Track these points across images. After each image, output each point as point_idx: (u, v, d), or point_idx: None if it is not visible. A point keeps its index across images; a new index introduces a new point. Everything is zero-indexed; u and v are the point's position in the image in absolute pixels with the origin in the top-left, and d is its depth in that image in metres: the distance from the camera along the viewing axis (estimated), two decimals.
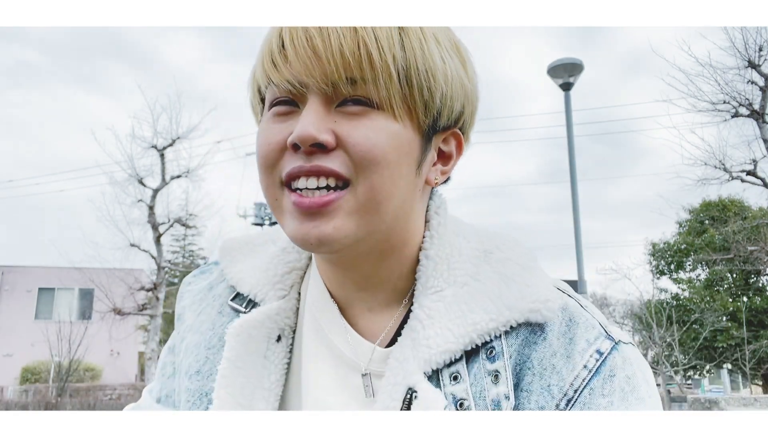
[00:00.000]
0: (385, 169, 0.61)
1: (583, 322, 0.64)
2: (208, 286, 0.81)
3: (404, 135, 0.62)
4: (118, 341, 17.58)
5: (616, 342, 0.64)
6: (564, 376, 0.61)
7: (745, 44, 9.71)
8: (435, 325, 0.64)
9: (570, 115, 8.79)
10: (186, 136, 12.74)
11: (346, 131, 0.60)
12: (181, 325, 0.81)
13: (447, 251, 0.69)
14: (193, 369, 0.73)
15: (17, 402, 15.47)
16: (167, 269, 13.64)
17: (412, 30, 0.62)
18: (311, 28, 0.60)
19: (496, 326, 0.63)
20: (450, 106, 0.66)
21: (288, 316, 0.73)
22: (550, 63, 8.78)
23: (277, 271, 0.75)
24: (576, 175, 8.47)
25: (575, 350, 0.62)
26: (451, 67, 0.65)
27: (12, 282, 22.60)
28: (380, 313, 0.70)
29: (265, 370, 0.70)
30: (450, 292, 0.66)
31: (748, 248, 12.94)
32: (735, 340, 17.52)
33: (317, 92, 0.60)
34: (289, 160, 0.61)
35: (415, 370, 0.62)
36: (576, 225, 8.27)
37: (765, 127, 9.76)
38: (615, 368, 0.62)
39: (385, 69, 0.59)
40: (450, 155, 0.70)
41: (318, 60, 0.59)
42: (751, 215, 16.05)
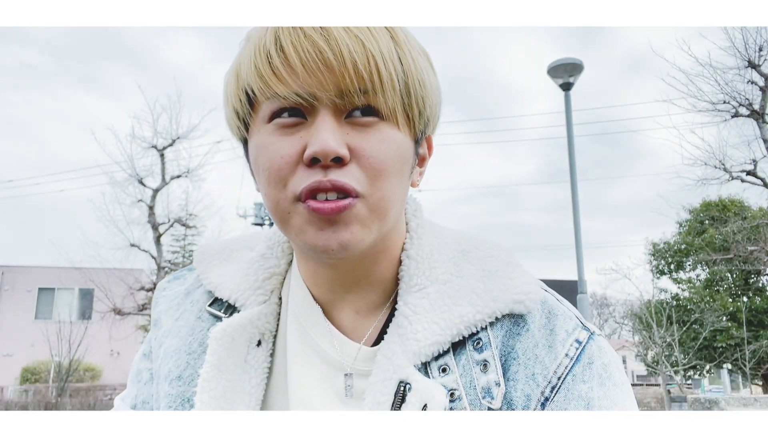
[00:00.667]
0: (394, 178, 0.63)
1: (562, 314, 0.68)
2: (184, 292, 0.81)
3: (405, 144, 0.65)
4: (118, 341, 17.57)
5: (591, 332, 0.68)
6: (547, 365, 0.63)
7: (745, 44, 9.72)
8: (422, 320, 0.66)
9: (570, 115, 8.79)
10: (186, 136, 12.75)
11: (358, 143, 0.61)
12: (158, 330, 0.80)
13: (427, 251, 0.71)
14: (174, 374, 0.73)
15: (17, 402, 15.47)
16: (167, 269, 13.63)
17: (403, 42, 0.64)
18: (318, 40, 0.59)
19: (482, 318, 0.65)
20: (435, 113, 0.69)
21: (269, 321, 0.73)
22: (550, 63, 8.78)
23: (258, 276, 0.75)
24: (576, 174, 8.47)
25: (556, 340, 0.65)
26: (429, 74, 0.67)
27: (12, 282, 22.60)
28: (366, 315, 0.71)
29: (246, 374, 0.70)
30: (433, 289, 0.68)
31: (748, 248, 12.94)
32: (735, 340, 17.52)
33: (329, 104, 0.61)
34: (305, 175, 0.61)
35: (406, 364, 0.63)
36: (576, 225, 8.27)
37: (765, 127, 9.76)
38: (592, 356, 0.65)
39: (390, 80, 0.61)
40: (424, 156, 0.73)
41: (331, 73, 0.59)
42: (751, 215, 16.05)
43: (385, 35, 0.62)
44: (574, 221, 8.27)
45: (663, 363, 16.00)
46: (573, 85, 8.82)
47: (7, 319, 22.01)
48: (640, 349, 17.99)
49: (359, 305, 0.72)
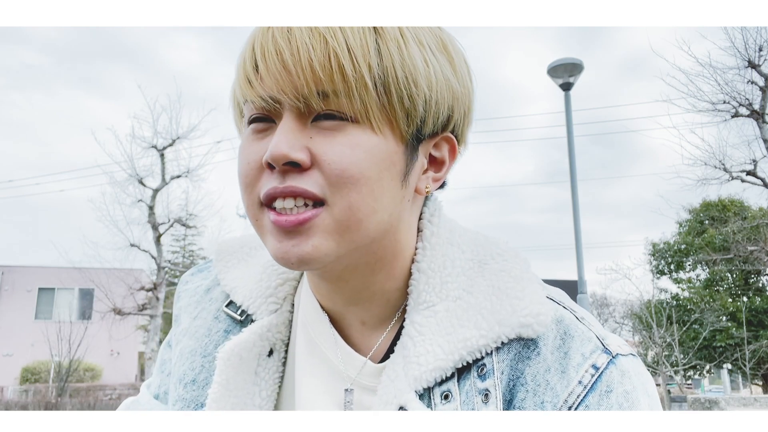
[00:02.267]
0: (363, 186, 0.58)
1: (579, 335, 0.62)
2: (205, 288, 0.80)
3: (384, 147, 0.59)
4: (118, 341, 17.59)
5: (613, 355, 0.61)
6: (558, 393, 0.59)
7: (745, 44, 9.71)
8: (426, 341, 0.62)
9: (570, 114, 8.79)
10: (186, 136, 12.74)
11: (321, 148, 0.58)
12: (177, 326, 0.80)
13: (440, 263, 0.67)
14: (189, 377, 0.72)
15: (17, 402, 15.46)
16: (167, 269, 13.63)
17: (389, 33, 0.59)
18: (280, 40, 0.57)
19: (486, 343, 0.61)
20: (435, 112, 0.62)
21: (280, 331, 0.72)
22: (550, 63, 8.77)
23: (270, 283, 0.73)
24: (576, 174, 8.46)
25: (570, 365, 0.60)
26: (436, 69, 0.61)
27: (12, 282, 22.59)
28: (373, 327, 0.69)
29: (255, 387, 0.69)
30: (442, 307, 0.64)
31: (748, 248, 12.93)
32: (735, 339, 17.52)
33: (290, 108, 0.58)
34: (267, 180, 0.59)
35: (406, 389, 0.61)
36: (576, 225, 8.27)
37: (765, 127, 9.76)
38: (612, 383, 0.59)
39: (359, 80, 0.56)
40: (442, 161, 0.67)
41: (288, 74, 0.57)
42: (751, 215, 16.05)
43: (364, 29, 0.58)
44: (574, 221, 8.27)
45: (663, 363, 15.99)
46: (573, 85, 8.82)
47: (7, 319, 22.00)
48: (640, 349, 17.98)
49: (365, 317, 0.69)
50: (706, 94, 10.09)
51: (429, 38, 0.62)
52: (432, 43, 0.62)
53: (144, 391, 0.86)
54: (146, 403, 0.83)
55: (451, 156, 0.68)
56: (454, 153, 0.68)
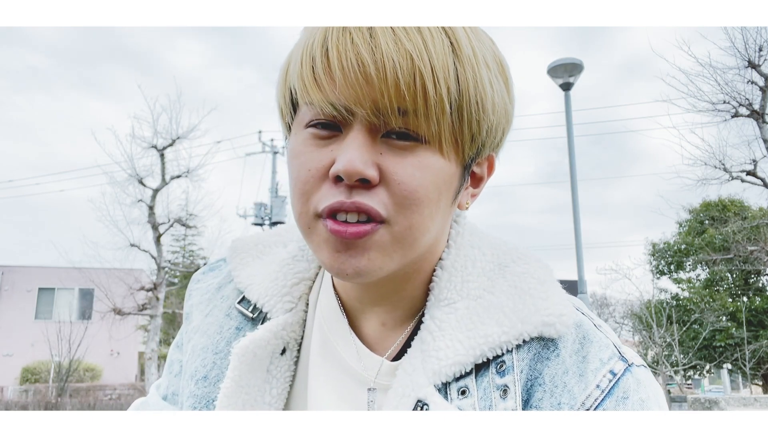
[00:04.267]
0: (426, 208, 0.58)
1: (597, 341, 0.63)
2: (216, 286, 0.80)
3: (448, 170, 0.60)
4: (118, 341, 17.58)
5: (630, 364, 0.62)
6: (575, 395, 0.59)
7: (745, 44, 9.71)
8: (446, 337, 0.62)
9: (570, 114, 8.79)
10: (186, 136, 12.73)
11: (391, 167, 0.57)
12: (188, 324, 0.80)
13: (462, 262, 0.67)
14: (200, 374, 0.72)
15: (17, 402, 15.45)
16: (167, 269, 13.62)
17: (465, 54, 0.58)
18: (363, 50, 0.55)
19: (508, 339, 0.61)
20: (494, 136, 0.63)
21: (294, 330, 0.72)
22: (550, 63, 8.78)
23: (286, 281, 0.73)
24: (576, 174, 8.47)
25: (588, 369, 0.60)
26: (498, 92, 0.61)
27: (12, 282, 22.59)
28: (392, 328, 0.69)
29: (267, 384, 0.69)
30: (463, 305, 0.65)
31: (748, 248, 12.93)
32: (735, 339, 17.52)
33: (364, 121, 0.57)
34: (329, 192, 0.58)
35: (425, 383, 0.61)
36: (576, 224, 8.27)
37: (765, 127, 9.76)
38: (628, 390, 0.60)
39: (439, 102, 0.56)
40: (481, 177, 0.68)
41: (370, 88, 0.55)
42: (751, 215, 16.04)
43: (444, 45, 0.57)
44: (574, 221, 8.27)
45: (663, 363, 15.99)
46: (573, 85, 8.82)
47: (7, 319, 22.00)
48: (640, 349, 17.99)
49: (386, 318, 0.69)
50: (706, 94, 10.09)
51: (490, 57, 0.62)
52: (492, 63, 0.62)
53: (153, 392, 0.86)
54: (155, 404, 0.83)
55: (489, 172, 0.69)
56: (491, 169, 0.69)
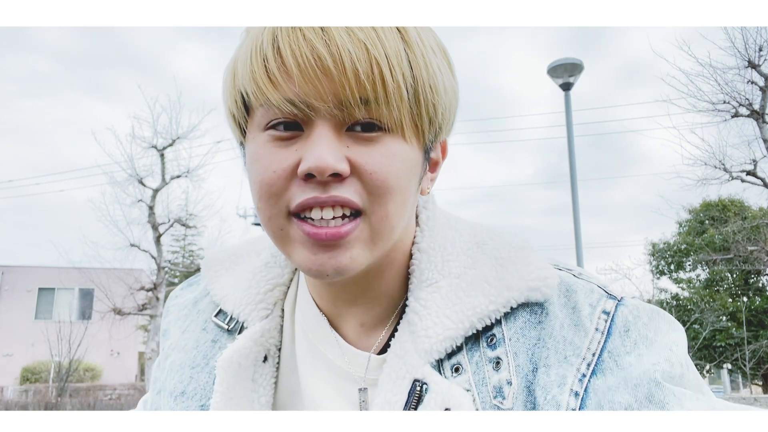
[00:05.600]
0: (398, 195, 0.59)
1: (581, 288, 0.64)
2: (193, 301, 0.80)
3: (412, 156, 0.60)
4: (118, 341, 17.58)
5: (619, 299, 0.63)
6: (578, 344, 0.60)
7: (745, 44, 9.70)
8: (432, 315, 0.62)
9: (570, 114, 8.79)
10: (186, 136, 12.74)
11: (360, 158, 0.57)
12: (166, 341, 0.80)
13: (440, 243, 0.68)
14: (178, 390, 0.72)
15: (17, 402, 15.45)
16: (167, 269, 13.62)
17: (414, 41, 0.58)
18: (317, 44, 0.54)
19: (496, 308, 0.62)
20: (449, 119, 0.64)
21: (273, 336, 0.71)
22: (550, 63, 8.78)
23: (260, 288, 0.73)
24: (576, 174, 8.46)
25: (582, 317, 0.61)
26: (446, 76, 0.62)
27: (12, 282, 22.58)
28: (373, 327, 0.69)
29: (254, 393, 0.69)
30: (445, 283, 0.65)
31: (748, 248, 12.93)
32: (735, 339, 17.51)
33: (327, 116, 0.56)
34: (300, 190, 0.57)
35: (420, 363, 0.60)
36: (576, 225, 8.27)
37: (765, 127, 9.75)
38: (627, 323, 0.61)
39: (397, 89, 0.56)
40: (437, 161, 0.69)
41: (330, 82, 0.54)
42: (751, 215, 16.04)
43: (395, 36, 0.57)
44: (574, 221, 8.27)
45: None
46: (573, 85, 8.82)
47: (7, 319, 21.99)
48: None
49: (364, 318, 0.69)
50: (706, 94, 10.08)
51: (434, 43, 0.62)
52: (437, 48, 0.62)
53: (141, 406, 0.86)
54: None
55: (443, 155, 0.70)
56: (445, 152, 0.70)
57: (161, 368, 0.79)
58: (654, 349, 0.59)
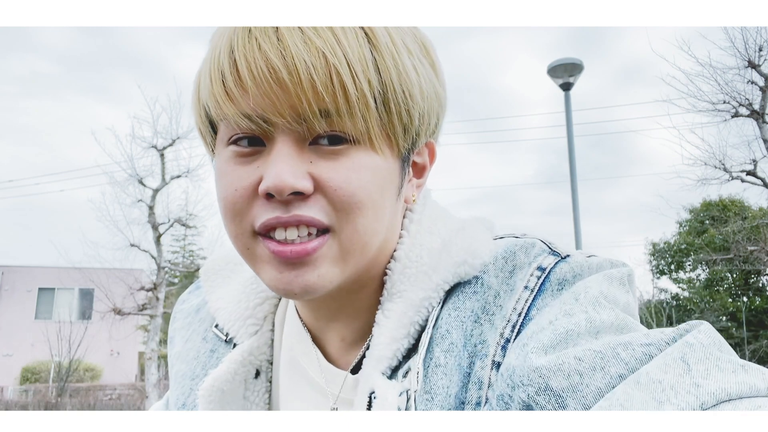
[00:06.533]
0: (369, 210, 0.55)
1: (521, 248, 0.58)
2: (196, 308, 0.79)
3: (385, 166, 0.56)
4: (118, 341, 17.57)
5: (563, 256, 0.57)
6: (507, 306, 0.55)
7: (745, 44, 9.70)
8: (389, 324, 0.59)
9: (570, 114, 8.78)
10: (186, 136, 12.73)
11: (324, 174, 0.53)
12: (171, 349, 0.79)
13: (417, 252, 0.62)
14: (180, 402, 0.72)
15: (17, 402, 15.45)
16: (167, 269, 13.61)
17: (382, 41, 0.54)
18: (272, 55, 0.51)
19: (427, 295, 0.58)
20: (427, 123, 0.60)
21: (263, 352, 0.70)
22: (550, 63, 8.78)
23: (249, 303, 0.71)
24: (576, 174, 8.46)
25: (516, 277, 0.56)
26: (424, 77, 0.58)
27: (12, 282, 22.58)
28: (353, 342, 0.66)
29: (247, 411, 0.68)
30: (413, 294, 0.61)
31: (748, 248, 12.93)
32: (735, 340, 17.51)
33: (286, 131, 0.53)
34: (263, 209, 0.54)
35: (374, 374, 0.58)
36: (576, 226, 8.27)
37: (765, 127, 9.76)
38: (564, 280, 0.54)
39: (361, 98, 0.52)
40: (423, 166, 0.65)
41: (285, 95, 0.51)
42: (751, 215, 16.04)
43: (358, 36, 0.54)
44: (574, 222, 8.27)
45: None
46: (573, 85, 8.82)
47: (7, 319, 21.99)
48: None
49: (345, 333, 0.66)
50: (706, 94, 10.08)
51: (410, 41, 0.58)
52: (416, 47, 0.59)
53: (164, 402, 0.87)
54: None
55: (431, 159, 0.66)
56: (433, 156, 0.66)
57: (170, 375, 0.79)
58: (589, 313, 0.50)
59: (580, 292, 0.52)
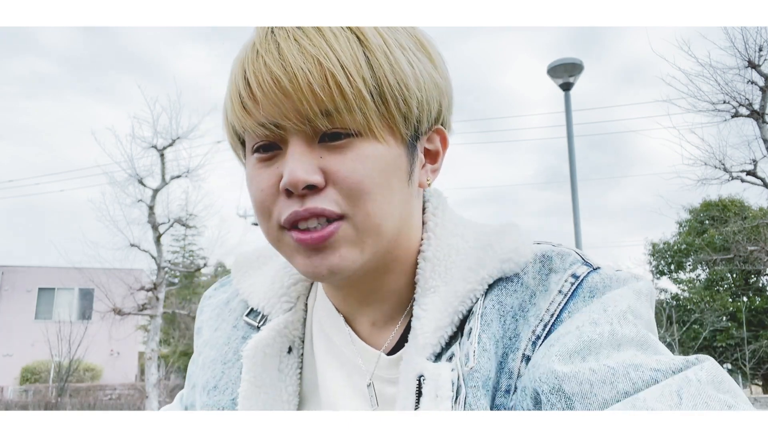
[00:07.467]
0: (378, 195, 0.61)
1: (557, 255, 0.65)
2: (225, 301, 0.84)
3: (389, 154, 0.62)
4: (118, 341, 17.56)
5: (595, 267, 0.63)
6: (540, 305, 0.61)
7: (745, 44, 9.70)
8: (429, 314, 0.65)
9: (570, 114, 8.79)
10: (186, 136, 12.74)
11: (333, 167, 0.60)
12: (199, 339, 0.84)
13: (445, 251, 0.69)
14: (211, 384, 0.75)
15: (17, 402, 15.46)
16: (167, 269, 13.61)
17: (373, 42, 0.60)
18: (274, 68, 0.58)
19: (473, 287, 0.64)
20: (428, 110, 0.65)
21: (296, 328, 0.75)
22: (550, 63, 8.78)
23: (283, 282, 0.77)
24: (576, 174, 8.47)
25: (551, 281, 0.63)
26: (420, 69, 0.63)
27: (12, 282, 22.60)
28: (383, 326, 0.71)
29: (281, 383, 0.72)
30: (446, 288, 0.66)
31: (748, 248, 12.93)
32: (735, 340, 17.53)
33: (296, 132, 0.60)
34: (285, 205, 0.61)
35: (421, 360, 0.63)
36: (576, 226, 8.27)
37: (765, 127, 9.76)
38: (595, 289, 0.60)
39: (357, 95, 0.58)
40: (437, 152, 0.71)
41: (289, 100, 0.58)
42: (751, 215, 16.05)
43: (350, 40, 0.59)
44: (574, 222, 8.27)
45: None
46: (573, 85, 8.82)
47: (7, 319, 22.01)
48: None
49: (375, 316, 0.71)
50: (706, 94, 10.08)
51: (406, 39, 0.64)
52: (410, 43, 0.64)
53: (177, 402, 0.89)
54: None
55: (444, 146, 0.71)
56: (445, 142, 0.71)
57: (195, 364, 0.82)
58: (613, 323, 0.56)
59: (609, 304, 0.58)
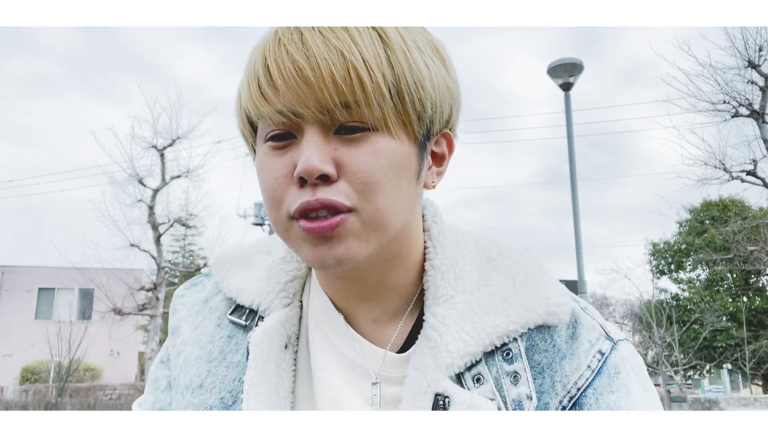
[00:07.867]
0: (388, 190, 0.62)
1: (586, 323, 0.68)
2: (203, 299, 0.81)
3: (402, 151, 0.63)
4: (118, 341, 17.57)
5: (615, 342, 0.67)
6: (568, 374, 0.64)
7: (745, 44, 9.70)
8: (451, 331, 0.65)
9: (570, 114, 8.79)
10: (186, 136, 12.73)
11: (346, 159, 0.61)
12: (176, 338, 0.80)
13: (452, 259, 0.70)
14: (196, 383, 0.73)
15: (17, 402, 15.46)
16: (167, 269, 13.61)
17: (394, 41, 0.61)
18: (297, 56, 0.59)
19: (515, 328, 0.65)
20: (440, 112, 0.67)
21: (293, 324, 0.74)
22: (550, 63, 8.78)
23: (279, 279, 0.76)
24: (576, 174, 8.47)
25: (579, 350, 0.65)
26: (435, 72, 0.65)
27: (12, 282, 22.59)
28: (385, 323, 0.71)
29: (279, 378, 0.71)
30: (461, 299, 0.68)
31: (748, 248, 12.92)
32: (735, 340, 17.52)
33: (313, 121, 0.60)
34: (296, 195, 0.61)
35: (441, 377, 0.63)
36: (576, 226, 8.27)
37: (765, 127, 9.75)
38: (617, 366, 0.65)
39: (377, 89, 0.59)
40: (443, 155, 0.72)
41: (310, 89, 0.59)
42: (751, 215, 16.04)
43: (372, 37, 0.61)
44: (574, 222, 8.27)
45: (663, 363, 16.00)
46: (573, 85, 8.82)
47: (7, 319, 22.00)
48: (640, 349, 17.99)
49: (376, 313, 0.71)
50: (706, 94, 10.07)
51: (423, 42, 0.65)
52: (426, 46, 0.65)
53: (136, 409, 0.84)
54: None
55: (450, 150, 0.72)
56: (451, 147, 0.72)
57: (172, 365, 0.79)
58: (627, 401, 0.64)
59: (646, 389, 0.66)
